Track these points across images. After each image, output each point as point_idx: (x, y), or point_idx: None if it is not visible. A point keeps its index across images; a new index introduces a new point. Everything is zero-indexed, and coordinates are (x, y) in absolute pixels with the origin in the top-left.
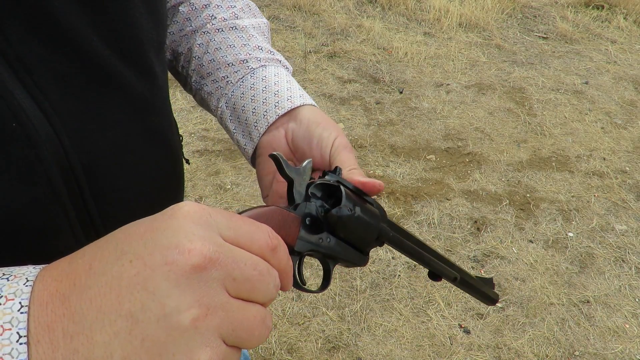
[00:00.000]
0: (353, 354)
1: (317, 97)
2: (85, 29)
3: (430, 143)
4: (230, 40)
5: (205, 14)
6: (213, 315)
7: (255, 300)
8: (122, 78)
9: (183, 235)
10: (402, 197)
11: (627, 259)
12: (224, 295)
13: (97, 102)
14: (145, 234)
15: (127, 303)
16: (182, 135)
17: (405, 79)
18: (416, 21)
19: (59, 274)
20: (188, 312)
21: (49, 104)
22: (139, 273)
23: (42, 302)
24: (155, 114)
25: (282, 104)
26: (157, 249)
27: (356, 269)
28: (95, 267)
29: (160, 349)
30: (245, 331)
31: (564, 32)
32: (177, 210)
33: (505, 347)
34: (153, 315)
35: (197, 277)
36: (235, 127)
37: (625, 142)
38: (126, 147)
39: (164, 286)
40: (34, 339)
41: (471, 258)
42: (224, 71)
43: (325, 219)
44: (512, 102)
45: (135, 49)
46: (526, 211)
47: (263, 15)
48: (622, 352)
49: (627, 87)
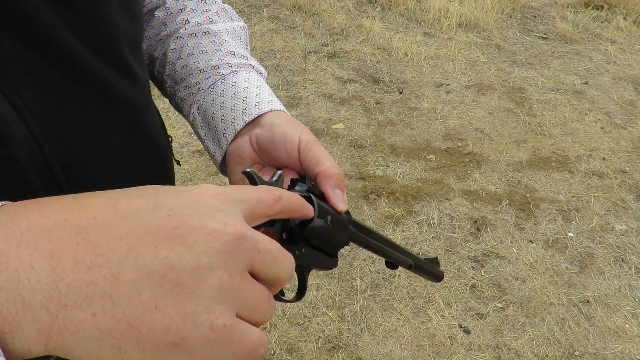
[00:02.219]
0: (353, 354)
1: (317, 97)
2: (58, 25)
3: (430, 143)
4: (203, 45)
5: (180, 18)
6: (234, 283)
7: (269, 275)
8: (99, 76)
9: (216, 210)
10: (402, 197)
11: (627, 259)
12: (246, 267)
13: (75, 101)
14: (180, 197)
15: (164, 250)
16: (172, 136)
17: (405, 79)
18: (416, 21)
19: (64, 206)
20: (217, 272)
21: (22, 102)
22: (179, 227)
23: (43, 229)
24: (137, 112)
25: (249, 110)
26: (196, 214)
27: (356, 269)
28: (122, 209)
29: (187, 298)
30: (255, 303)
31: (564, 32)
32: (204, 190)
33: (505, 347)
34: (188, 265)
35: (230, 247)
36: (205, 134)
37: (625, 142)
38: (108, 147)
39: (201, 244)
40: (26, 264)
41: (471, 258)
42: (195, 77)
43: (301, 231)
44: (512, 102)
45: (110, 46)
46: (526, 211)
47: (240, 19)
48: (622, 352)
49: (627, 87)
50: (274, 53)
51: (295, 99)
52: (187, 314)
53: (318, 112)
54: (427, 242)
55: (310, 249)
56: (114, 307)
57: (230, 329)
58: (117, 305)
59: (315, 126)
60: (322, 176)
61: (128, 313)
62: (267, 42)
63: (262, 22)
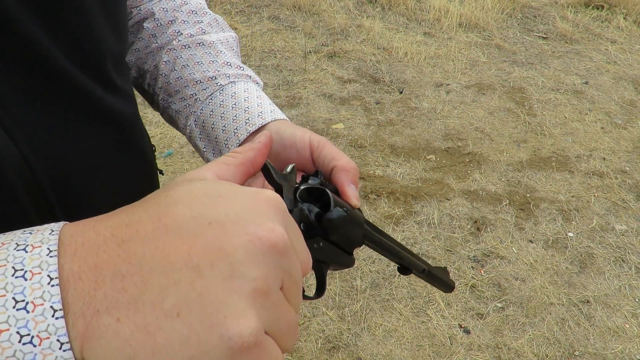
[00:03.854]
0: (353, 354)
1: (317, 97)
2: (46, 42)
3: (430, 143)
4: (198, 56)
5: (171, 30)
6: (269, 297)
7: (291, 303)
8: (87, 92)
9: (265, 216)
10: (402, 197)
11: (627, 259)
12: (281, 284)
13: (64, 116)
14: (227, 206)
15: (197, 258)
16: (155, 146)
17: (405, 79)
18: (416, 21)
19: (115, 223)
20: (254, 282)
21: (10, 119)
22: (218, 236)
23: (93, 246)
24: (127, 125)
25: (252, 120)
26: (240, 221)
27: (356, 269)
28: (165, 220)
29: (215, 306)
30: (285, 325)
31: (564, 32)
32: (260, 193)
33: (505, 347)
34: (220, 274)
35: (271, 257)
36: (205, 145)
37: (625, 142)
38: (98, 161)
39: (240, 253)
40: (75, 275)
41: (471, 258)
42: (192, 89)
43: (319, 223)
44: (512, 102)
45: (96, 61)
46: (526, 211)
47: (231, 29)
48: (622, 352)
49: (627, 87)
50: (274, 53)
51: (295, 99)
52: (214, 325)
53: (318, 112)
54: (427, 242)
55: (327, 243)
56: (136, 313)
57: (258, 348)
58: (140, 311)
59: (315, 126)
60: (338, 169)
61: (148, 320)
62: (267, 42)
63: (262, 22)
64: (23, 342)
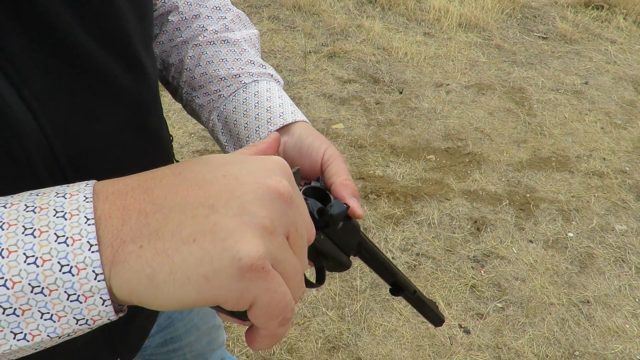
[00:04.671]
0: (353, 354)
1: (317, 97)
2: (69, 19)
3: (430, 143)
4: (223, 53)
5: (196, 25)
6: (276, 236)
7: (296, 256)
8: (109, 71)
9: (274, 172)
10: (402, 197)
11: (627, 259)
12: (287, 231)
13: (84, 95)
14: (242, 164)
15: (212, 199)
16: (173, 136)
17: (405, 79)
18: (416, 21)
19: (141, 178)
20: (262, 220)
21: (31, 94)
22: (230, 183)
23: (122, 192)
24: (145, 108)
25: (274, 120)
26: (252, 175)
27: (356, 269)
28: (185, 173)
29: (227, 234)
30: (292, 269)
31: (564, 32)
32: (269, 157)
33: (505, 347)
34: (232, 211)
35: (278, 204)
36: (227, 140)
37: (625, 142)
38: (115, 142)
39: (250, 196)
40: (106, 214)
41: (471, 258)
42: (216, 85)
43: (321, 216)
44: (512, 102)
45: (121, 41)
46: (526, 211)
47: (253, 26)
48: (622, 352)
49: (627, 87)
50: (274, 53)
51: (295, 99)
52: (226, 248)
53: (318, 112)
54: (427, 242)
55: (327, 239)
56: (157, 240)
57: (267, 273)
58: (160, 238)
59: (315, 126)
60: (338, 185)
61: (167, 245)
62: (267, 42)
63: (262, 22)
64: (63, 271)
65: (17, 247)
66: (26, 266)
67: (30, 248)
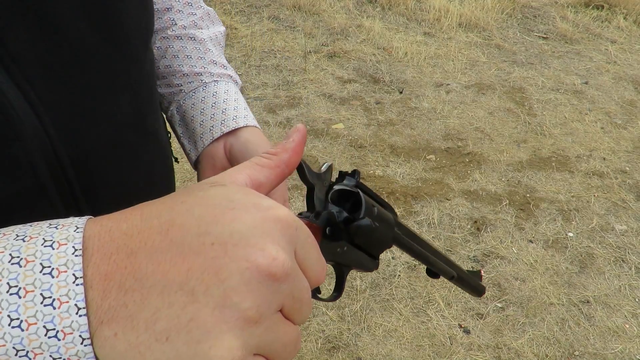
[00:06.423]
0: (353, 354)
1: (317, 97)
2: (72, 15)
3: (430, 143)
4: (188, 50)
5: (167, 17)
6: (261, 324)
7: (295, 320)
8: (112, 69)
9: (271, 241)
10: (402, 197)
11: (627, 259)
12: (278, 308)
13: (87, 94)
14: (233, 223)
15: (194, 281)
16: (170, 133)
17: (405, 79)
18: (416, 21)
19: (129, 228)
20: (245, 313)
21: (35, 94)
22: (217, 257)
23: (107, 252)
24: (145, 106)
25: (227, 122)
26: (242, 243)
27: None
28: (172, 233)
29: (202, 334)
30: (280, 345)
31: (564, 32)
32: (272, 211)
33: (505, 347)
34: (212, 301)
35: (267, 285)
36: (182, 132)
37: (625, 142)
38: (118, 142)
39: (236, 280)
40: (88, 284)
41: (471, 258)
42: (178, 79)
43: (346, 228)
44: (512, 102)
45: (124, 38)
46: (526, 211)
47: (222, 23)
48: (622, 352)
49: (627, 87)
50: (274, 53)
51: (295, 99)
52: (198, 353)
53: (318, 112)
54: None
55: (352, 247)
56: (131, 330)
57: None
58: (134, 329)
59: (315, 126)
60: None
61: (140, 339)
62: (267, 42)
63: (262, 22)
64: (49, 335)
65: (2, 309)
66: (11, 329)
67: (15, 310)
